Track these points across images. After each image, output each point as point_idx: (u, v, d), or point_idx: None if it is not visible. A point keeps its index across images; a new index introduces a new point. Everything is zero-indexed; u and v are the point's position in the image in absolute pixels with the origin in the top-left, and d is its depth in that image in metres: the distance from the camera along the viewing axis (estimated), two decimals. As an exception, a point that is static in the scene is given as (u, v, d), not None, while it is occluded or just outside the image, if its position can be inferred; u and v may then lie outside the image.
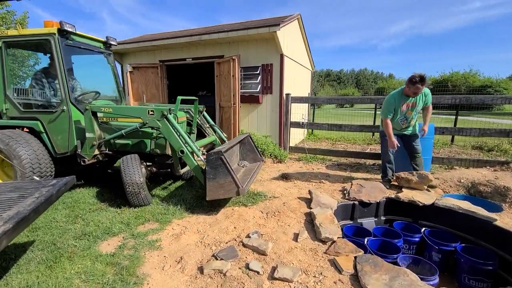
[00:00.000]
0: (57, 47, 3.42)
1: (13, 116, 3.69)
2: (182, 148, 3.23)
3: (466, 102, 4.52)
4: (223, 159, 2.87)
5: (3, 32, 3.55)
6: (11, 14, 14.32)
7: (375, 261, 2.05)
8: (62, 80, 3.49)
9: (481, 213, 2.96)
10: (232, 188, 2.90)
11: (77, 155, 3.59)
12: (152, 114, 3.30)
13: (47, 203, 1.53)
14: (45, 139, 3.61)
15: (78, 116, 3.60)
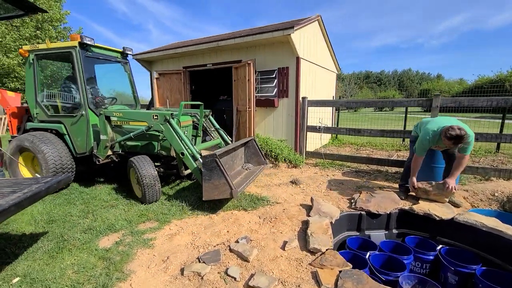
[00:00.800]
0: (78, 58, 3.84)
1: (42, 120, 4.21)
2: (183, 150, 3.39)
3: (505, 104, 3.95)
4: (218, 162, 2.94)
5: (35, 47, 4.05)
6: (68, 30, 16.25)
7: (359, 278, 1.89)
8: (82, 87, 3.89)
9: (509, 232, 2.56)
10: (226, 189, 2.98)
11: (92, 155, 3.97)
12: (156, 118, 3.54)
13: (33, 199, 1.71)
14: (67, 140, 4.06)
15: (95, 120, 3.97)
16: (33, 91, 4.13)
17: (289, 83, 5.59)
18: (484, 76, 26.21)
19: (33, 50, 4.05)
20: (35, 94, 4.13)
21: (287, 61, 5.52)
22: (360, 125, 10.37)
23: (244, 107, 5.85)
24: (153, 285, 2.03)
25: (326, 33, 6.98)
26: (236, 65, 5.98)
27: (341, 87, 43.04)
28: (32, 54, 4.06)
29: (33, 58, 4.06)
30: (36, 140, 3.75)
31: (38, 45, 4.02)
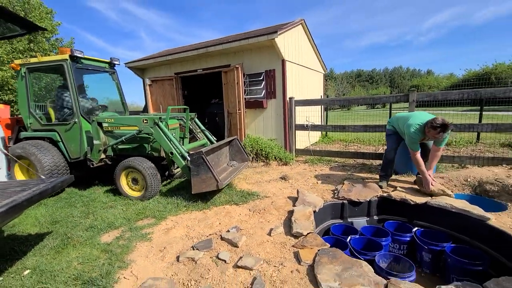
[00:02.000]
0: (69, 70, 4.09)
1: (36, 129, 4.43)
2: (172, 150, 3.73)
3: (475, 96, 4.26)
4: (204, 158, 3.28)
5: (26, 61, 4.28)
6: (60, 41, 16.39)
7: (334, 254, 2.13)
8: (74, 97, 4.15)
9: (475, 212, 2.83)
10: (212, 182, 3.33)
11: (86, 159, 4.23)
12: (146, 122, 3.88)
13: (41, 196, 1.92)
14: (61, 147, 4.31)
15: (88, 126, 4.23)
16: (26, 102, 4.34)
17: (276, 84, 5.86)
18: (471, 70, 26.91)
19: (24, 64, 4.27)
20: (28, 105, 4.34)
21: (273, 63, 5.79)
22: (351, 122, 10.70)
23: (234, 109, 6.10)
24: (152, 271, 2.25)
25: (311, 35, 7.28)
26: (225, 69, 6.24)
27: (333, 86, 43.58)
28: (24, 68, 4.27)
29: (25, 71, 4.28)
30: (33, 148, 3.98)
31: (30, 59, 4.25)
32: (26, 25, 2.04)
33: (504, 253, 2.49)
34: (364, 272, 1.91)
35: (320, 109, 8.74)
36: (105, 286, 2.04)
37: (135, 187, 4.01)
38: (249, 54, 6.10)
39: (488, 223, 2.70)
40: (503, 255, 2.51)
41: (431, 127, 3.10)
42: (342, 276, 1.86)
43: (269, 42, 5.35)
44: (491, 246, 2.66)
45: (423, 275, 2.93)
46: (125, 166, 3.90)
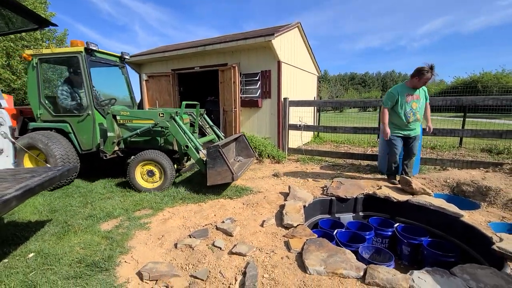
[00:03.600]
0: (84, 62, 4.15)
1: (45, 120, 4.44)
2: (187, 143, 3.90)
3: (457, 103, 4.55)
4: (220, 151, 3.47)
5: (38, 51, 4.30)
6: (53, 31, 16.13)
7: (321, 243, 2.34)
8: (88, 89, 4.21)
9: (451, 210, 3.09)
10: (228, 175, 3.52)
11: (100, 151, 4.29)
12: (162, 116, 4.02)
13: (51, 182, 2.04)
14: (72, 139, 4.35)
15: (100, 119, 4.30)
16: (37, 93, 4.34)
17: (271, 85, 6.04)
18: (459, 78, 27.78)
19: (36, 54, 4.28)
20: (39, 96, 4.34)
21: (269, 64, 5.98)
22: (342, 124, 11.01)
23: (230, 107, 6.26)
24: (151, 256, 2.40)
25: (306, 38, 7.50)
26: (222, 68, 6.38)
27: (327, 88, 44.15)
28: (36, 58, 4.28)
29: (37, 62, 4.28)
30: (44, 139, 4.01)
31: (42, 50, 4.27)
32: (37, 20, 2.14)
33: (473, 246, 2.75)
34: (347, 258, 2.12)
35: (313, 110, 8.97)
36: (107, 268, 2.18)
37: (151, 179, 4.11)
38: (246, 54, 6.26)
39: (462, 220, 2.95)
40: (472, 247, 2.77)
41: (422, 74, 3.51)
42: (327, 262, 2.07)
43: (266, 43, 5.53)
44: (463, 240, 2.92)
45: (402, 266, 3.16)
46: (144, 159, 4.00)
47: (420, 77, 3.55)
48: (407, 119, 3.76)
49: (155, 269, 2.10)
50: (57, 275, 2.07)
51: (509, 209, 3.15)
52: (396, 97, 3.74)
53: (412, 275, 1.91)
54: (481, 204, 3.40)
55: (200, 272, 2.08)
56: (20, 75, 14.05)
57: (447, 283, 1.84)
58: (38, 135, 4.10)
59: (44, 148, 4.03)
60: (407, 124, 3.79)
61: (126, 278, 2.07)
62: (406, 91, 3.71)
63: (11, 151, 2.52)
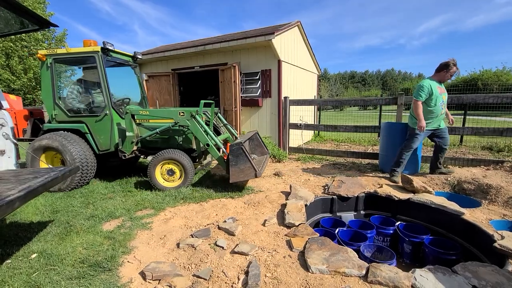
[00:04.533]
0: (101, 62, 4.12)
1: (61, 120, 4.38)
2: (208, 142, 3.96)
3: (458, 101, 4.55)
4: (243, 149, 3.51)
5: (53, 51, 4.24)
6: (52, 31, 16.12)
7: (323, 242, 2.34)
8: (105, 89, 4.18)
9: (451, 207, 3.09)
10: (251, 172, 3.57)
11: (118, 151, 4.30)
12: (183, 115, 4.06)
13: (53, 182, 2.05)
14: (89, 139, 4.32)
15: (117, 119, 4.29)
16: (51, 93, 4.28)
17: (271, 84, 6.04)
18: (460, 76, 27.73)
19: (51, 54, 4.23)
20: (54, 96, 4.29)
21: (270, 63, 5.97)
22: (343, 122, 11.03)
23: (230, 106, 6.26)
24: (154, 256, 2.40)
25: (306, 37, 7.49)
26: (222, 67, 6.38)
27: (327, 87, 44.12)
28: (50, 58, 4.22)
29: (51, 62, 4.22)
30: (62, 140, 3.99)
31: (56, 50, 4.21)
32: (38, 21, 2.14)
33: (475, 244, 2.76)
34: (349, 257, 2.12)
35: (313, 109, 8.98)
36: (110, 268, 2.18)
37: (171, 178, 4.13)
38: (246, 53, 6.26)
39: (463, 218, 2.96)
40: (473, 245, 2.78)
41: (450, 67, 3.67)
42: (330, 260, 2.07)
43: (266, 42, 5.53)
44: (464, 238, 2.93)
45: (404, 264, 3.18)
46: (165, 158, 4.01)
47: (448, 70, 3.68)
48: (440, 110, 3.80)
49: (157, 269, 2.11)
50: (60, 275, 2.08)
51: (510, 206, 3.15)
52: (430, 89, 3.73)
53: (414, 273, 1.91)
54: (482, 202, 3.41)
55: (203, 272, 2.09)
56: (20, 76, 14.06)
57: (449, 281, 1.84)
58: (56, 136, 4.06)
59: (62, 149, 3.99)
60: (438, 116, 3.83)
61: (129, 278, 2.07)
62: (437, 84, 3.77)
63: (13, 152, 2.53)
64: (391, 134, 4.46)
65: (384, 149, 4.62)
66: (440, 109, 3.80)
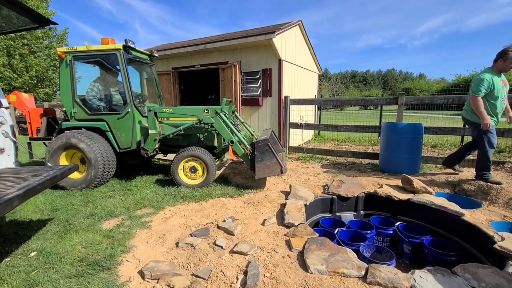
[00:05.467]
0: (123, 60, 4.09)
1: (80, 118, 4.32)
2: (232, 139, 4.01)
3: (459, 101, 4.53)
4: (269, 145, 3.55)
5: (72, 48, 4.19)
6: (54, 29, 16.13)
7: (322, 242, 2.34)
8: (127, 87, 4.14)
9: (451, 208, 3.08)
10: (277, 167, 3.63)
11: (141, 148, 4.30)
12: (207, 112, 4.10)
13: (52, 181, 2.05)
14: (110, 137, 4.28)
15: (138, 116, 4.25)
16: (70, 91, 4.23)
17: (272, 83, 6.03)
18: (461, 76, 27.60)
19: (70, 51, 4.17)
20: (73, 94, 4.25)
21: (270, 62, 5.96)
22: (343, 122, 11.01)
23: (231, 105, 6.25)
24: (153, 255, 2.40)
25: (307, 36, 7.47)
26: (222, 66, 6.37)
27: (327, 86, 44.06)
28: (70, 56, 4.16)
29: (70, 59, 4.17)
30: (84, 138, 3.96)
31: (76, 47, 4.16)
32: (38, 19, 2.13)
33: (475, 245, 2.75)
34: (348, 257, 2.12)
35: (314, 109, 8.96)
36: (109, 267, 2.18)
37: (193, 175, 4.15)
38: (247, 52, 6.24)
39: (463, 218, 2.95)
40: (473, 246, 2.77)
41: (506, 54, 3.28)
42: (329, 261, 2.07)
43: (266, 41, 5.51)
44: (464, 239, 2.92)
45: (403, 265, 3.17)
46: (188, 155, 4.03)
47: (505, 58, 3.28)
48: (502, 106, 3.48)
49: (156, 268, 2.10)
50: (59, 274, 2.08)
51: (510, 208, 3.14)
52: (491, 83, 3.35)
53: (413, 274, 1.91)
54: (483, 203, 3.39)
55: (202, 271, 2.08)
56: (21, 74, 14.06)
57: (448, 283, 1.84)
58: (77, 134, 4.02)
59: (85, 148, 3.95)
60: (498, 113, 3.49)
61: (127, 277, 2.07)
62: (497, 76, 3.40)
63: (13, 150, 2.52)
64: (392, 134, 4.44)
65: (385, 149, 4.61)
66: (502, 104, 3.46)
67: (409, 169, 4.34)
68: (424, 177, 4.20)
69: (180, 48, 6.67)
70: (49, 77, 15.82)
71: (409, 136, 4.27)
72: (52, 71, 15.88)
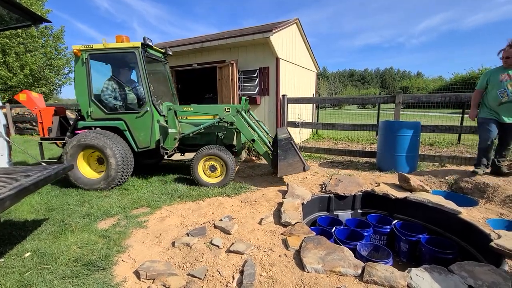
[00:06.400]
0: (141, 58, 4.01)
1: (97, 118, 4.22)
2: (253, 137, 4.01)
3: (456, 99, 4.54)
4: (292, 143, 3.57)
5: (89, 46, 4.09)
6: (50, 28, 16.00)
7: (319, 240, 2.33)
8: (146, 86, 4.05)
9: (448, 206, 3.08)
10: (299, 165, 3.68)
11: (160, 148, 4.26)
12: (228, 111, 4.10)
13: (46, 181, 2.02)
14: (128, 136, 4.20)
15: (157, 115, 4.19)
16: (86, 90, 4.16)
17: (269, 82, 6.01)
18: (458, 74, 27.72)
19: (86, 49, 4.08)
20: (89, 93, 4.16)
21: (268, 61, 5.94)
22: (341, 121, 11.02)
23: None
24: (149, 255, 2.38)
25: (305, 34, 7.44)
26: (220, 65, 6.34)
27: (326, 85, 44.08)
28: (86, 54, 4.08)
29: (87, 57, 4.09)
30: (104, 138, 3.90)
31: (93, 45, 4.07)
32: (31, 17, 2.10)
33: (471, 243, 2.76)
34: (345, 256, 2.11)
35: (311, 107, 8.95)
36: (104, 267, 2.16)
37: (213, 174, 4.13)
38: (244, 51, 6.22)
39: (460, 217, 2.95)
40: (470, 244, 2.77)
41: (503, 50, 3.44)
42: (325, 260, 2.06)
43: (264, 40, 5.49)
44: (461, 237, 2.92)
45: (400, 263, 3.17)
46: (208, 153, 4.01)
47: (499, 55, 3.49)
48: (499, 99, 3.52)
49: (152, 268, 2.09)
50: (53, 274, 2.06)
51: (507, 205, 3.15)
52: (487, 77, 3.62)
53: (410, 273, 1.90)
54: (479, 201, 3.41)
55: (198, 271, 2.07)
56: (17, 72, 13.95)
57: (445, 281, 1.83)
58: (97, 134, 3.95)
59: (105, 148, 3.88)
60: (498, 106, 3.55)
61: (123, 277, 2.06)
62: (501, 71, 3.52)
63: (6, 150, 2.49)
64: (389, 133, 4.44)
65: (382, 148, 4.61)
66: (498, 97, 3.50)
67: (406, 167, 4.35)
68: (421, 175, 4.20)
69: (177, 47, 6.63)
70: (46, 76, 15.70)
71: (406, 134, 4.27)
72: (48, 70, 15.76)
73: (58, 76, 17.14)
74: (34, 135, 11.33)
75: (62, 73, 17.34)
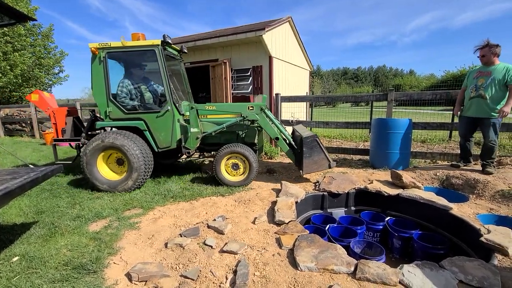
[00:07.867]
0: (161, 56, 3.91)
1: (115, 118, 4.11)
2: (277, 135, 3.99)
3: (447, 97, 4.59)
4: (318, 141, 3.59)
5: (106, 44, 3.96)
6: (38, 26, 15.66)
7: (312, 239, 2.33)
8: (166, 84, 3.96)
9: (440, 202, 3.12)
10: (325, 163, 3.71)
11: (182, 147, 4.19)
12: (252, 109, 4.06)
13: (33, 183, 1.97)
14: (148, 136, 4.10)
15: (177, 115, 4.10)
16: (104, 89, 4.04)
17: (263, 80, 5.99)
18: (449, 72, 28.11)
19: (104, 48, 3.96)
20: (107, 92, 4.05)
21: (261, 60, 5.92)
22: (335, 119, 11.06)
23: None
24: (141, 257, 2.35)
25: (298, 33, 7.44)
26: (213, 63, 6.29)
27: (319, 83, 44.27)
28: (103, 52, 3.97)
29: (104, 55, 3.97)
30: (125, 139, 3.81)
31: (110, 43, 3.95)
32: (15, 15, 2.04)
33: (462, 238, 2.79)
34: (338, 254, 2.12)
35: (305, 106, 8.96)
36: (95, 270, 2.13)
37: (235, 172, 4.07)
38: (237, 50, 6.18)
39: (451, 212, 2.99)
40: (461, 239, 2.81)
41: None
42: (319, 258, 2.06)
43: (256, 38, 5.47)
44: (452, 232, 2.96)
45: (393, 259, 3.20)
46: (231, 151, 3.95)
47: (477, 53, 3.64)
48: (469, 94, 3.78)
49: (144, 270, 2.06)
50: (42, 278, 2.01)
51: (496, 201, 3.20)
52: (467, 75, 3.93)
53: (402, 269, 1.92)
54: (470, 196, 3.45)
55: (191, 272, 2.05)
56: (6, 72, 13.62)
57: (436, 276, 1.85)
58: (117, 135, 3.85)
59: (126, 148, 3.79)
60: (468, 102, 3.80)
61: (114, 280, 2.02)
62: (479, 69, 3.73)
63: None
64: (381, 130, 4.47)
65: (375, 145, 4.64)
66: (469, 93, 3.76)
67: (398, 164, 4.39)
68: (413, 172, 4.24)
69: (169, 46, 6.56)
70: (35, 76, 15.37)
71: (398, 131, 4.31)
72: (38, 69, 15.43)
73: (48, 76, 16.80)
74: (24, 136, 11.10)
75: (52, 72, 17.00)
